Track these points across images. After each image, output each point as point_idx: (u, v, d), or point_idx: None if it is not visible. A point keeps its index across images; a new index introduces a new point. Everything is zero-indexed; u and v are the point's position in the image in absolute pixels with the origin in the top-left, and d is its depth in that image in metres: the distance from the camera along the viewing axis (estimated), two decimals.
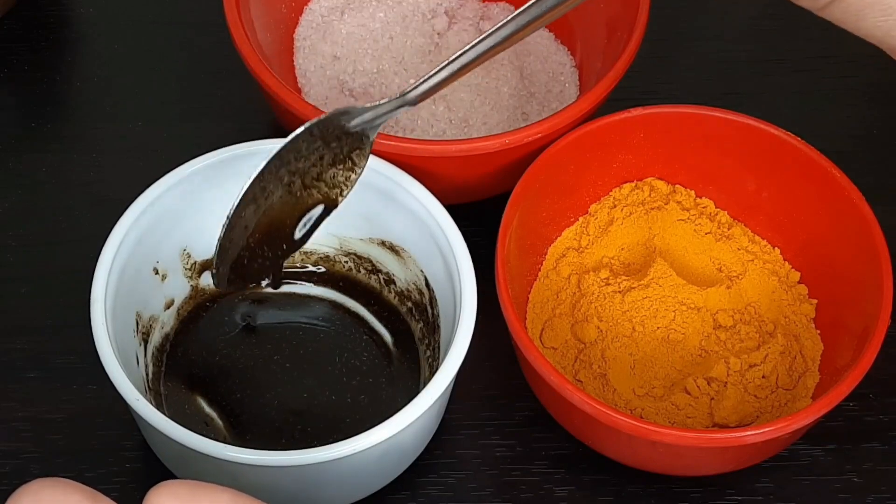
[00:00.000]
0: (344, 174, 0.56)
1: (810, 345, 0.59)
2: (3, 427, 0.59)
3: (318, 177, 0.56)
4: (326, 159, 0.55)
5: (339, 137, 0.55)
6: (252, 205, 0.54)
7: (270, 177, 0.54)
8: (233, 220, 0.53)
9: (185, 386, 0.59)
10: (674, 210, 0.62)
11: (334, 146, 0.55)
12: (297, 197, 0.56)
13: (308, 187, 0.56)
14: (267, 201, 0.55)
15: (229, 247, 0.54)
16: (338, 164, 0.56)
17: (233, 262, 0.55)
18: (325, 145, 0.55)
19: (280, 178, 0.55)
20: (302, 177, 0.55)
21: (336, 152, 0.55)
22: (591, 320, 0.59)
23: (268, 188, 0.54)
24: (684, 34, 0.73)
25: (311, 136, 0.54)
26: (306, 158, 0.55)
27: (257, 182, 0.54)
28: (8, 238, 0.64)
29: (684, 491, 0.58)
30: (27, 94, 0.70)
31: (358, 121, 0.55)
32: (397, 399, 0.57)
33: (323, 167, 0.56)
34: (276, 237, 0.56)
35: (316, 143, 0.55)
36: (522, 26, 0.53)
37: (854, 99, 0.70)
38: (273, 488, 0.52)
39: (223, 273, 0.55)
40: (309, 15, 0.68)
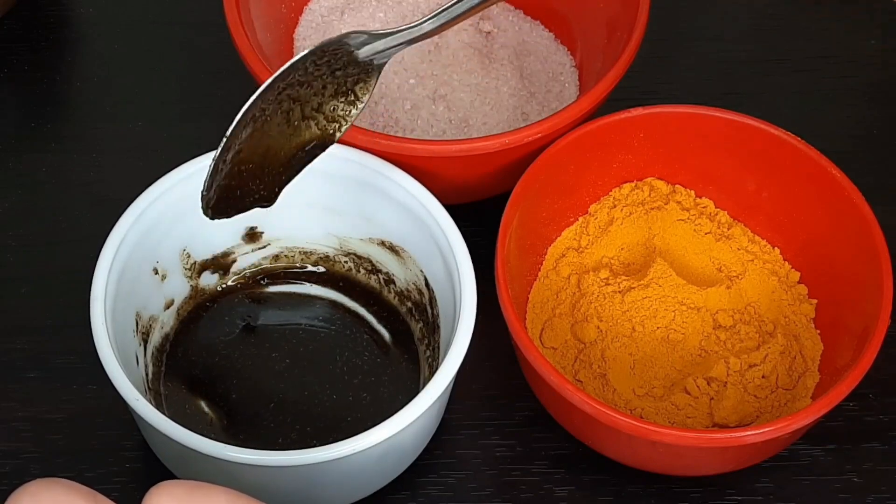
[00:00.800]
0: (345, 108, 0.55)
1: (810, 345, 0.59)
2: (3, 427, 0.59)
3: (318, 108, 0.55)
4: (329, 89, 0.55)
5: (346, 66, 0.54)
6: (249, 127, 0.53)
7: (271, 99, 0.53)
8: (229, 141, 0.52)
9: (185, 386, 0.59)
10: (674, 210, 0.62)
11: (339, 74, 0.54)
12: (294, 127, 0.55)
13: (307, 118, 0.55)
14: (265, 126, 0.54)
15: (222, 168, 0.53)
16: (339, 96, 0.55)
17: (223, 187, 0.54)
18: (329, 73, 0.54)
19: (280, 102, 0.53)
20: (302, 105, 0.54)
21: (340, 82, 0.55)
22: (591, 320, 0.59)
23: (267, 111, 0.53)
24: (684, 34, 0.73)
25: (318, 58, 0.53)
26: (309, 84, 0.54)
27: (259, 102, 0.52)
28: (8, 238, 0.64)
29: (684, 491, 0.58)
30: (27, 94, 0.70)
31: (368, 49, 0.54)
32: (397, 399, 0.57)
33: (324, 98, 0.55)
34: (268, 167, 0.55)
35: (321, 70, 0.54)
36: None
37: (854, 99, 0.70)
38: (273, 488, 0.52)
39: (210, 197, 0.53)
40: (309, 15, 0.68)
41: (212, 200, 0.53)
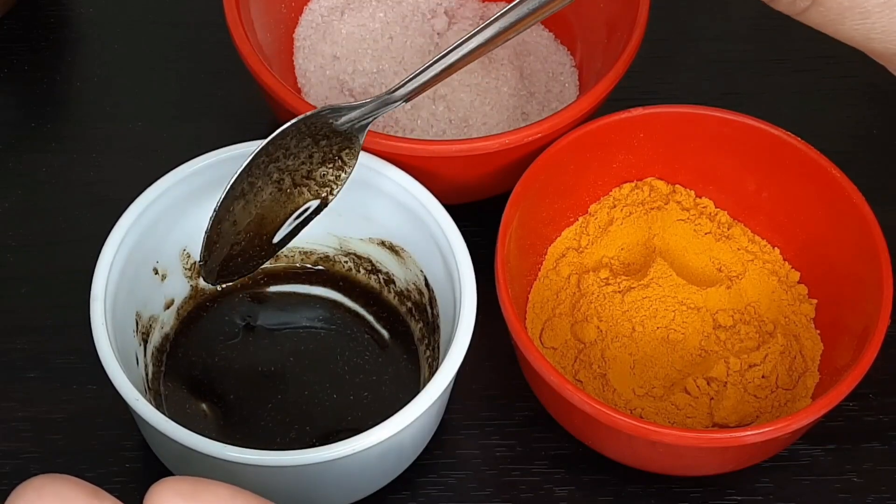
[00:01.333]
0: (334, 173, 0.56)
1: (810, 345, 0.59)
2: (3, 427, 0.59)
3: (309, 175, 0.56)
4: (316, 158, 0.56)
5: (328, 136, 0.55)
6: (241, 200, 0.54)
7: (259, 173, 0.54)
8: (220, 214, 0.54)
9: (185, 386, 0.59)
10: (674, 210, 0.62)
11: (323, 144, 0.55)
12: (287, 194, 0.56)
13: (298, 185, 0.56)
14: (257, 197, 0.55)
15: (217, 240, 0.55)
16: (328, 163, 0.56)
17: (224, 257, 0.55)
18: (314, 143, 0.55)
19: (269, 174, 0.55)
20: (292, 175, 0.55)
21: (325, 151, 0.56)
22: (591, 320, 0.59)
23: (256, 184, 0.55)
24: (684, 34, 0.73)
25: (299, 132, 0.54)
26: (295, 156, 0.55)
27: (245, 177, 0.54)
28: (8, 238, 0.64)
29: (684, 491, 0.58)
30: (27, 94, 0.70)
31: (345, 119, 0.55)
32: (397, 399, 0.57)
33: (313, 165, 0.56)
34: (268, 233, 0.56)
35: (305, 141, 0.55)
36: (512, 23, 0.53)
37: (854, 99, 0.70)
38: (273, 488, 0.52)
39: (212, 267, 0.55)
40: (309, 15, 0.68)
41: (214, 271, 0.56)
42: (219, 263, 0.56)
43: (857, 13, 0.48)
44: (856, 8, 0.48)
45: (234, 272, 0.56)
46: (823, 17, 0.49)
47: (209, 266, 0.55)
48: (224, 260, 0.56)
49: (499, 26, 0.53)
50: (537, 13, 0.52)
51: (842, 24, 0.49)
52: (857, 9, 0.48)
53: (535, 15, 0.52)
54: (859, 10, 0.48)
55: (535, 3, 0.52)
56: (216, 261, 0.55)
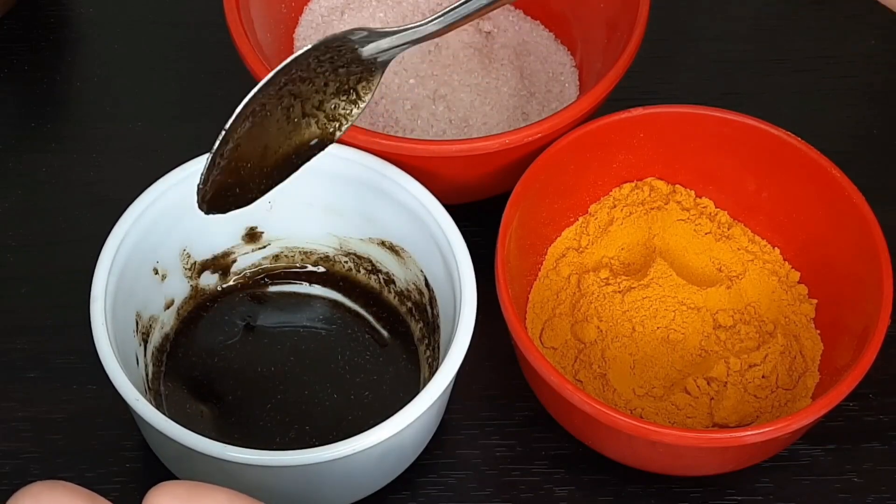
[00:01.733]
0: (346, 107, 0.55)
1: (810, 345, 0.59)
2: (3, 427, 0.59)
3: (320, 105, 0.54)
4: (331, 87, 0.54)
5: (349, 63, 0.54)
6: (248, 121, 0.52)
7: (273, 93, 0.53)
8: (228, 134, 0.52)
9: (185, 386, 0.59)
10: (674, 210, 0.62)
11: (342, 72, 0.54)
12: (293, 124, 0.54)
13: (307, 115, 0.54)
14: (264, 122, 0.53)
15: (220, 162, 0.52)
16: (341, 94, 0.54)
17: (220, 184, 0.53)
18: (332, 70, 0.54)
19: (280, 97, 0.53)
20: (303, 102, 0.54)
21: (342, 80, 0.54)
22: (591, 320, 0.59)
23: (266, 106, 0.53)
24: (684, 34, 0.73)
25: (322, 54, 0.53)
26: (311, 81, 0.53)
27: (259, 96, 0.52)
28: (8, 238, 0.64)
29: (684, 491, 0.58)
30: (27, 94, 0.70)
31: (372, 47, 0.54)
32: (397, 399, 0.57)
33: (326, 95, 0.54)
34: (265, 164, 0.55)
35: (324, 67, 0.53)
36: None
37: (854, 99, 0.70)
38: (273, 488, 0.52)
39: (207, 192, 0.53)
40: (309, 15, 0.68)
41: (207, 195, 0.53)
42: (214, 190, 0.53)
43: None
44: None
45: (226, 202, 0.54)
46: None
47: (204, 189, 0.53)
48: (219, 186, 0.53)
49: None
50: None
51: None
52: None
53: None
54: None
55: None
56: (212, 187, 0.53)
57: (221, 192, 0.54)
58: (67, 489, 0.34)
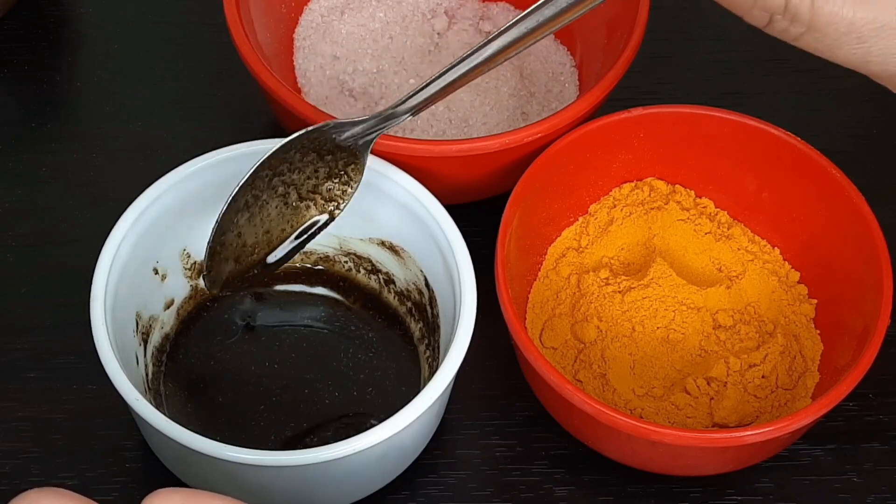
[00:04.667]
0: (340, 188, 0.56)
1: (810, 345, 0.59)
2: (3, 427, 0.59)
3: (315, 189, 0.56)
4: (322, 173, 0.56)
5: (333, 151, 0.55)
6: (245, 213, 0.54)
7: (263, 186, 0.54)
8: (222, 225, 0.54)
9: (185, 386, 0.59)
10: (674, 210, 0.62)
11: (329, 159, 0.55)
12: (293, 209, 0.56)
13: (304, 199, 0.56)
14: (262, 211, 0.55)
15: (222, 252, 0.55)
16: (333, 178, 0.56)
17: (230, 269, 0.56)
18: (318, 158, 0.55)
19: (274, 188, 0.55)
20: (297, 189, 0.56)
21: (331, 166, 0.56)
22: (591, 320, 0.59)
23: (261, 197, 0.55)
24: (684, 34, 0.73)
25: (303, 147, 0.54)
26: (300, 170, 0.55)
27: (248, 189, 0.54)
28: (8, 238, 0.64)
29: (684, 491, 0.58)
30: (27, 94, 0.70)
31: (348, 134, 0.55)
32: (397, 399, 0.57)
33: (318, 180, 0.56)
34: (275, 248, 0.57)
35: (310, 156, 0.55)
36: (518, 38, 0.52)
37: (854, 99, 0.70)
38: (273, 488, 0.52)
39: (216, 278, 0.56)
40: (309, 15, 0.68)
41: (217, 280, 0.56)
42: (225, 274, 0.56)
43: (854, 38, 0.48)
44: (852, 33, 0.48)
45: (242, 284, 0.57)
46: (819, 43, 0.49)
47: (213, 276, 0.55)
48: (230, 272, 0.56)
49: (504, 40, 0.52)
50: (544, 27, 0.52)
51: (839, 49, 0.49)
52: (854, 34, 0.48)
53: (542, 29, 0.52)
54: (855, 36, 0.48)
55: (542, 17, 0.51)
56: (222, 272, 0.56)
57: (233, 276, 0.56)
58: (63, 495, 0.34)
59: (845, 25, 0.47)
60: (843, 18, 0.47)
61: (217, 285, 0.56)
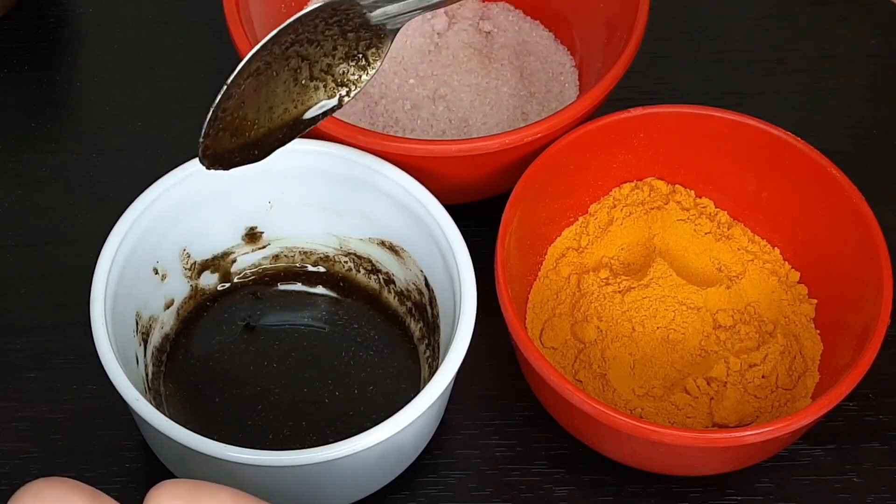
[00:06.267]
0: (355, 72, 0.54)
1: (810, 345, 0.59)
2: (3, 427, 0.59)
3: (328, 69, 0.54)
4: (340, 51, 0.53)
5: (358, 28, 0.53)
6: (253, 80, 0.52)
7: (279, 52, 0.52)
8: (230, 89, 0.51)
9: (185, 386, 0.59)
10: (674, 210, 0.62)
11: (351, 37, 0.53)
12: (302, 86, 0.54)
13: (315, 78, 0.54)
14: (270, 83, 0.52)
15: (221, 118, 0.52)
16: (350, 60, 0.54)
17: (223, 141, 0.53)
18: (341, 34, 0.53)
19: (287, 58, 0.52)
20: (311, 65, 0.53)
21: (352, 44, 0.53)
22: (591, 320, 0.59)
23: (273, 66, 0.52)
24: (684, 34, 0.73)
25: (329, 17, 0.52)
26: (319, 44, 0.53)
27: (264, 53, 0.51)
28: (8, 238, 0.64)
29: (684, 491, 0.58)
30: (27, 94, 0.70)
31: (380, 12, 0.53)
32: (396, 399, 0.57)
33: (335, 59, 0.53)
34: (271, 125, 0.54)
35: (333, 29, 0.53)
36: None
37: (854, 99, 0.70)
38: (273, 488, 0.52)
39: (209, 146, 0.52)
40: None
41: (209, 149, 0.52)
42: (218, 147, 0.53)
43: None
44: None
45: (231, 160, 0.54)
46: None
47: (206, 144, 0.52)
48: (224, 145, 0.53)
49: None
50: None
51: None
52: None
53: None
54: None
55: None
56: (217, 142, 0.52)
57: (226, 150, 0.53)
58: (70, 485, 0.34)
59: None
60: None
61: (208, 157, 0.53)
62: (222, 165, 0.54)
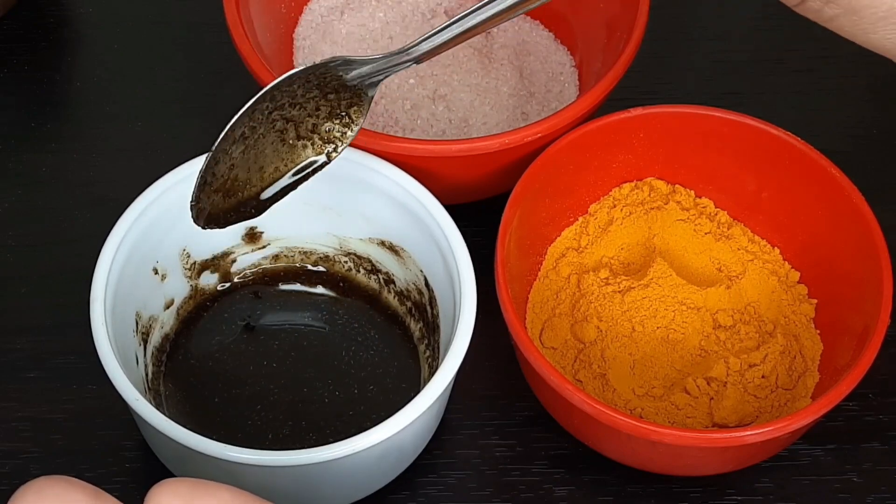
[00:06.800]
0: (340, 129, 0.55)
1: (810, 345, 0.59)
2: (3, 427, 0.59)
3: (314, 129, 0.55)
4: (323, 111, 0.54)
5: (337, 90, 0.54)
6: (241, 144, 0.53)
7: (261, 118, 0.53)
8: (216, 155, 0.53)
9: (185, 386, 0.59)
10: (673, 210, 0.62)
11: (332, 98, 0.54)
12: (290, 146, 0.55)
13: (302, 138, 0.55)
14: (258, 144, 0.54)
15: (212, 181, 0.53)
16: (334, 119, 0.55)
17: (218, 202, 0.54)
18: (321, 95, 0.54)
19: (273, 122, 0.53)
20: (296, 126, 0.54)
21: (333, 105, 0.54)
22: (591, 320, 0.59)
23: (258, 130, 0.53)
24: (684, 34, 0.73)
25: (307, 82, 0.53)
26: (301, 106, 0.54)
27: (246, 120, 0.53)
28: (8, 238, 0.64)
29: (684, 491, 0.58)
30: (27, 94, 0.70)
31: (355, 73, 0.54)
32: (397, 399, 0.57)
33: (319, 119, 0.55)
34: (266, 186, 0.55)
35: (312, 92, 0.54)
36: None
37: (854, 99, 0.70)
38: (273, 488, 0.52)
39: (202, 208, 0.54)
40: (309, 15, 0.68)
41: (203, 211, 0.54)
42: (211, 208, 0.54)
43: (891, 23, 0.46)
44: (890, 18, 0.46)
45: (227, 220, 0.55)
46: (854, 27, 0.47)
47: (200, 207, 0.53)
48: (218, 205, 0.54)
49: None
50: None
51: (874, 33, 0.47)
52: (892, 19, 0.46)
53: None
54: (893, 21, 0.46)
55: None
56: (209, 205, 0.54)
57: (220, 210, 0.55)
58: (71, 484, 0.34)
59: (885, 9, 0.45)
60: (884, 2, 0.45)
61: (202, 218, 0.54)
62: (218, 225, 0.55)
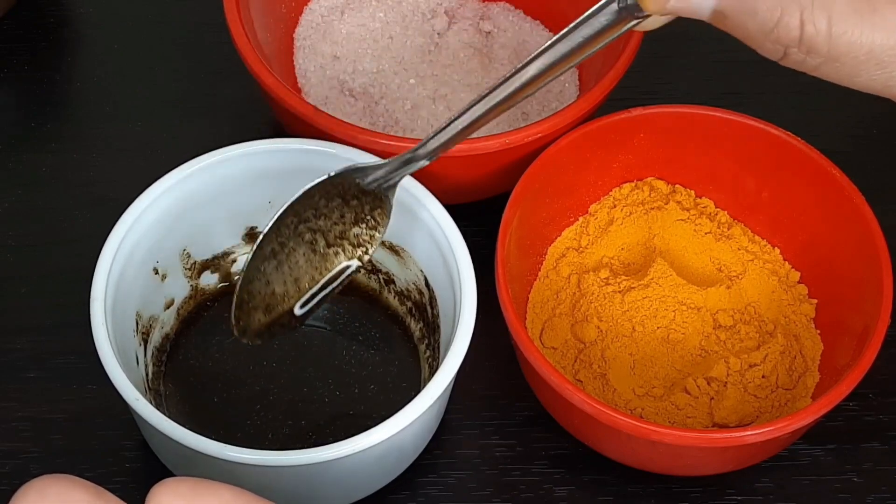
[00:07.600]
0: (368, 233, 0.55)
1: (810, 345, 0.59)
2: (3, 427, 0.59)
3: (342, 235, 0.55)
4: (348, 218, 0.55)
5: (357, 196, 0.54)
6: (272, 260, 0.54)
7: (289, 233, 0.54)
8: (249, 274, 0.53)
9: (185, 386, 0.59)
10: (674, 210, 0.62)
11: (354, 204, 0.55)
12: (321, 255, 0.55)
13: (332, 245, 0.55)
14: (290, 258, 0.54)
15: (249, 300, 0.54)
16: (360, 223, 0.55)
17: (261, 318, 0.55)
18: (344, 203, 0.54)
19: (300, 234, 0.54)
20: (325, 235, 0.55)
21: (357, 211, 0.55)
22: (591, 320, 0.59)
23: (288, 244, 0.54)
24: (684, 34, 0.73)
25: (327, 193, 0.54)
26: (326, 217, 0.54)
27: (274, 237, 0.53)
28: (8, 238, 0.64)
29: (684, 491, 0.58)
30: (27, 94, 0.70)
31: (371, 178, 0.54)
32: (397, 399, 0.57)
33: (345, 226, 0.55)
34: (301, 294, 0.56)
35: (335, 201, 0.54)
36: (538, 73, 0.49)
37: (854, 99, 0.70)
38: (273, 488, 0.52)
39: (245, 326, 0.54)
40: (309, 15, 0.68)
41: (246, 329, 0.54)
42: (255, 324, 0.55)
43: (874, 65, 0.47)
44: (871, 60, 0.47)
45: (272, 335, 0.55)
46: (838, 72, 0.47)
47: (242, 326, 0.54)
48: (261, 321, 0.55)
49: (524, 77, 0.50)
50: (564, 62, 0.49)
51: (858, 76, 0.48)
52: (873, 61, 0.47)
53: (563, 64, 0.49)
54: (875, 62, 0.47)
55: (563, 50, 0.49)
56: (252, 321, 0.54)
57: (262, 325, 0.55)
58: (73, 482, 0.34)
59: (864, 53, 0.46)
60: (862, 46, 0.46)
61: (248, 336, 0.55)
62: (262, 340, 0.55)
